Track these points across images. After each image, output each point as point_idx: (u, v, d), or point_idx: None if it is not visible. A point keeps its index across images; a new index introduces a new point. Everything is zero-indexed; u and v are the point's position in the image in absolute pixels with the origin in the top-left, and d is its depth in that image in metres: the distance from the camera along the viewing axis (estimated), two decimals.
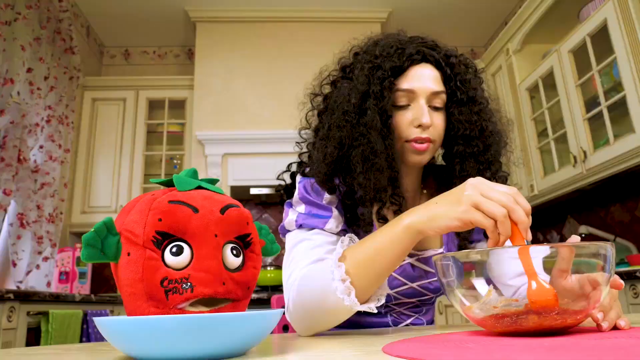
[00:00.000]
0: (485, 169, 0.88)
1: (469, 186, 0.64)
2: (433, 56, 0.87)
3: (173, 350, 0.44)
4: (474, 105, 0.87)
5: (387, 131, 0.83)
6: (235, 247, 0.52)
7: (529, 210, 0.61)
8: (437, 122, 0.86)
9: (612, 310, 0.58)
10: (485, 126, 0.88)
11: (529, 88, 3.03)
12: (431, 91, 0.85)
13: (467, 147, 0.86)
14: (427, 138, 0.84)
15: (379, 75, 0.85)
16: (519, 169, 3.17)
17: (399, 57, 0.86)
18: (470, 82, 0.88)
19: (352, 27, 3.74)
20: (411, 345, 0.46)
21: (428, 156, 0.87)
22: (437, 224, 0.66)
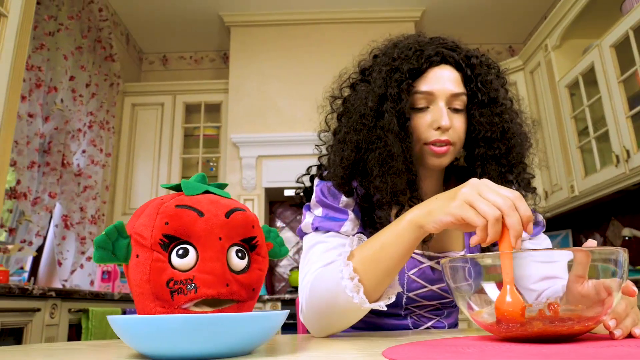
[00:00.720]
0: (507, 172, 0.86)
1: (469, 185, 0.63)
2: (453, 57, 0.86)
3: (176, 348, 0.46)
4: (496, 106, 0.86)
5: (405, 134, 0.83)
6: (240, 249, 0.54)
7: (528, 218, 0.59)
8: (457, 124, 0.85)
9: (628, 318, 0.56)
10: (507, 128, 0.86)
11: (569, 85, 2.93)
12: (450, 93, 0.84)
13: (489, 149, 0.85)
14: (447, 140, 0.84)
15: (397, 78, 0.84)
16: (558, 170, 3.06)
17: (418, 59, 0.85)
18: (491, 83, 0.87)
19: (385, 27, 3.71)
20: (410, 349, 0.46)
21: (448, 159, 0.86)
22: (432, 217, 0.65)
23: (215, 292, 0.50)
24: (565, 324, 0.50)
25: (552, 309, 0.54)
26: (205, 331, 0.45)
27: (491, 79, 0.87)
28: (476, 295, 0.58)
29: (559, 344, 0.48)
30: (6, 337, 1.50)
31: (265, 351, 0.53)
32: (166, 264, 0.50)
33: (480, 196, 0.61)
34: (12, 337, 1.54)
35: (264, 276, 0.56)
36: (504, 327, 0.53)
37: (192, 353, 0.46)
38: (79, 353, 0.57)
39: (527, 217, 0.60)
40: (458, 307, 1.04)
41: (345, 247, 0.77)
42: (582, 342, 0.50)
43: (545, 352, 0.41)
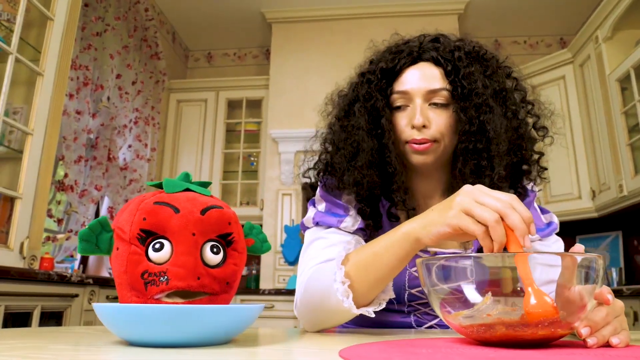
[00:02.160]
0: (486, 168, 0.82)
1: (463, 192, 0.62)
2: (430, 53, 0.85)
3: (146, 335, 0.50)
4: (475, 98, 0.82)
5: (381, 131, 0.84)
6: (215, 245, 0.56)
7: (528, 218, 0.58)
8: (438, 120, 0.83)
9: (608, 327, 0.54)
10: (489, 120, 0.81)
11: (620, 79, 2.77)
12: (426, 90, 0.83)
13: (468, 143, 0.81)
14: (424, 139, 0.82)
15: (369, 78, 0.87)
16: (606, 168, 2.91)
17: (393, 59, 0.86)
18: (473, 75, 0.83)
19: (427, 20, 3.65)
20: (366, 349, 0.47)
21: (432, 157, 0.84)
22: (429, 230, 0.65)
23: (186, 285, 0.52)
24: (529, 329, 0.49)
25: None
26: (171, 320, 0.48)
27: (473, 71, 0.83)
28: (452, 297, 0.58)
29: (524, 350, 0.48)
30: (48, 320, 1.62)
31: (236, 342, 0.56)
32: (142, 257, 0.54)
33: (476, 202, 0.60)
34: (53, 319, 1.66)
35: (240, 271, 0.59)
36: (473, 331, 0.53)
37: (161, 340, 0.49)
38: (72, 336, 0.62)
39: (526, 217, 0.58)
40: None
41: (344, 246, 0.78)
42: (548, 349, 0.49)
43: (493, 356, 0.41)
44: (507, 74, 0.90)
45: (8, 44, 1.85)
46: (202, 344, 0.51)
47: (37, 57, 2.00)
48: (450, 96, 0.83)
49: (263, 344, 0.56)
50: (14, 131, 1.93)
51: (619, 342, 0.52)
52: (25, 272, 1.50)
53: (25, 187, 1.81)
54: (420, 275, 0.58)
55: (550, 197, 3.32)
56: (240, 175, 3.74)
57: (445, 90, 0.83)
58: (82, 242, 0.55)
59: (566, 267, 0.53)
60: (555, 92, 3.39)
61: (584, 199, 3.16)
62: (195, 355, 0.44)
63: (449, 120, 0.83)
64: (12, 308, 1.47)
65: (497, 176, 0.79)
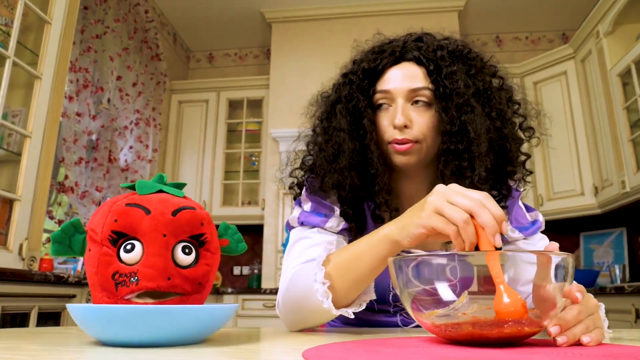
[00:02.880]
0: (466, 168, 0.80)
1: (435, 192, 0.62)
2: (413, 53, 0.84)
3: (118, 335, 0.50)
4: (456, 98, 0.81)
5: (362, 132, 0.83)
6: (187, 245, 0.57)
7: (500, 216, 0.57)
8: (419, 120, 0.82)
9: (580, 325, 0.53)
10: (470, 120, 0.80)
11: (621, 74, 2.75)
12: (407, 89, 0.83)
13: (450, 144, 0.81)
14: (405, 139, 0.82)
15: (351, 79, 0.87)
16: (608, 164, 2.88)
17: (375, 59, 0.86)
18: (456, 75, 0.82)
19: (426, 18, 3.64)
20: (328, 349, 0.47)
21: (414, 157, 0.83)
22: (406, 232, 0.65)
23: (155, 285, 0.53)
24: (495, 327, 0.49)
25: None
26: (139, 320, 0.48)
27: (456, 71, 0.82)
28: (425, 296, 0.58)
29: (490, 349, 0.48)
30: (45, 321, 1.64)
31: (209, 342, 0.56)
32: (114, 258, 0.54)
33: (447, 202, 0.60)
34: (51, 320, 1.68)
35: (212, 271, 0.59)
36: (442, 330, 0.53)
37: (132, 340, 0.50)
38: (47, 336, 0.63)
39: (498, 215, 0.58)
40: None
41: (325, 246, 0.78)
42: (516, 348, 0.49)
43: (453, 355, 0.41)
44: (493, 73, 0.89)
45: (6, 48, 1.87)
46: (172, 344, 0.51)
47: (35, 61, 2.01)
48: (433, 96, 0.83)
49: (235, 343, 0.56)
50: (13, 134, 1.95)
51: (590, 341, 0.52)
52: (22, 273, 1.52)
53: (24, 189, 1.83)
54: (392, 274, 0.58)
55: (553, 193, 3.30)
56: (241, 175, 3.75)
57: (427, 89, 0.83)
58: (55, 244, 0.55)
59: (541, 265, 0.53)
60: (557, 88, 3.37)
61: (587, 196, 3.14)
62: (161, 355, 0.44)
63: (431, 121, 0.83)
64: (10, 309, 1.49)
65: (478, 177, 0.78)
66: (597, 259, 3.37)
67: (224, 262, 3.83)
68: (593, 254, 3.42)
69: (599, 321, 0.57)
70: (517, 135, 0.88)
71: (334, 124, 0.87)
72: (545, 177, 3.35)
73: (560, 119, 3.31)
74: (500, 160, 0.84)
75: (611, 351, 0.46)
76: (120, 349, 0.49)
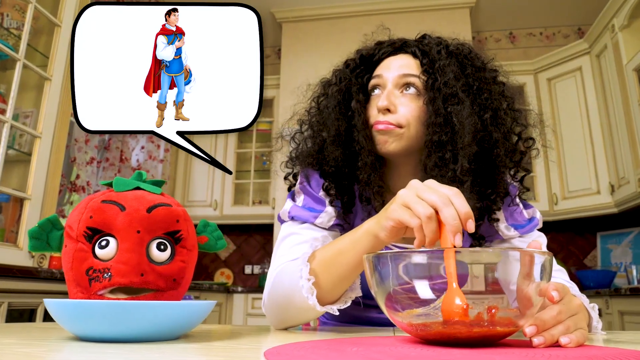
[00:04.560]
0: (449, 161, 0.79)
1: (408, 186, 0.62)
2: (411, 47, 0.87)
3: (90, 330, 0.51)
4: (445, 88, 0.81)
5: (351, 113, 0.86)
6: (163, 242, 0.57)
7: (465, 214, 0.56)
8: (405, 107, 0.83)
9: (559, 326, 0.52)
10: (455, 112, 0.79)
11: (637, 68, 2.68)
12: (398, 74, 0.85)
13: (433, 134, 0.80)
14: (386, 122, 0.82)
15: (348, 64, 0.92)
16: (625, 162, 2.81)
17: (375, 49, 0.91)
18: (448, 68, 0.82)
19: (438, 15, 3.60)
20: (289, 349, 0.46)
21: (394, 142, 0.83)
22: (380, 226, 0.65)
23: (128, 281, 0.53)
24: (464, 327, 0.48)
25: (489, 312, 0.52)
26: (109, 315, 0.49)
27: (448, 64, 0.83)
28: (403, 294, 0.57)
29: (458, 349, 0.47)
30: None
31: (187, 339, 0.56)
32: (89, 254, 0.55)
33: (416, 196, 0.59)
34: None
35: (188, 268, 0.59)
36: (414, 329, 0.52)
37: (104, 335, 0.51)
38: (28, 331, 0.64)
39: (464, 212, 0.57)
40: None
41: (311, 243, 0.78)
42: (487, 348, 0.48)
43: (415, 354, 0.41)
44: (493, 78, 0.88)
45: (16, 51, 1.91)
46: (144, 340, 0.51)
47: (46, 63, 2.05)
48: (423, 87, 0.84)
49: (208, 340, 0.57)
50: (24, 135, 1.99)
51: (569, 342, 0.50)
52: (28, 270, 1.55)
53: (34, 189, 1.87)
54: (366, 271, 0.57)
55: (568, 192, 3.24)
56: (252, 174, 3.77)
57: (418, 78, 0.84)
58: (32, 240, 0.56)
59: (523, 264, 0.52)
60: (572, 84, 3.30)
61: (603, 194, 3.07)
62: (126, 350, 0.44)
63: (418, 111, 0.83)
64: (16, 305, 1.53)
65: (460, 169, 0.77)
66: (615, 260, 3.29)
67: (236, 262, 3.85)
68: (611, 254, 3.34)
69: (581, 322, 0.55)
70: (511, 140, 0.86)
71: (325, 102, 0.90)
72: (560, 175, 3.28)
73: (575, 116, 3.24)
74: (488, 160, 0.83)
75: (585, 353, 0.45)
76: (94, 344, 0.49)
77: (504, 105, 0.86)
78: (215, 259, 3.87)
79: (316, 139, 0.90)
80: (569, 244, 3.51)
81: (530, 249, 0.53)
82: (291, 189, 0.98)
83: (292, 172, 0.99)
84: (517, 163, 0.89)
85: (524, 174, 0.91)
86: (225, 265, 3.86)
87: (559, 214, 3.25)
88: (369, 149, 0.84)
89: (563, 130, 3.30)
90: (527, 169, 0.91)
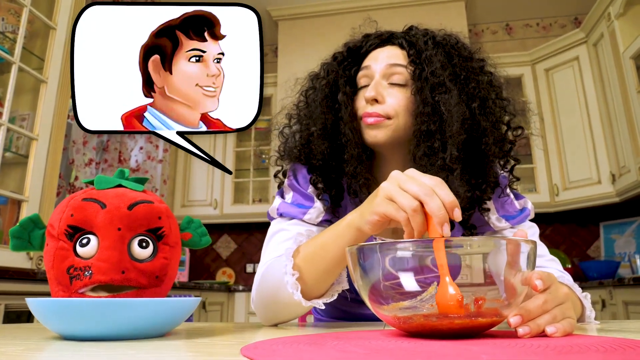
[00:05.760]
0: (438, 150, 0.79)
1: (390, 178, 0.61)
2: (398, 38, 0.87)
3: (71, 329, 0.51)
4: (433, 78, 0.81)
5: (337, 106, 0.86)
6: (144, 239, 0.57)
7: (450, 203, 0.56)
8: (394, 98, 0.83)
9: (545, 315, 0.51)
10: (443, 101, 0.79)
11: (634, 56, 2.66)
12: (386, 64, 0.85)
13: (422, 124, 0.80)
14: (375, 113, 0.82)
15: (336, 56, 0.92)
16: (625, 151, 2.80)
17: (361, 41, 0.91)
18: (435, 57, 0.82)
19: (434, 9, 3.59)
20: (268, 344, 0.46)
21: (383, 133, 0.82)
22: (365, 219, 0.64)
23: (109, 279, 0.53)
24: (445, 319, 0.48)
25: (477, 304, 0.51)
26: (89, 313, 0.49)
27: (435, 54, 0.82)
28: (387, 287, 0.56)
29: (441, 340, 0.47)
30: None
31: (173, 336, 0.56)
32: (69, 252, 0.54)
33: (400, 188, 0.59)
34: None
35: (171, 264, 0.59)
36: (397, 322, 0.51)
37: (86, 333, 0.51)
38: (11, 332, 0.64)
39: (448, 202, 0.56)
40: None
41: (296, 238, 0.77)
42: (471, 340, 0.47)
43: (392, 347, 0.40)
44: (480, 67, 0.88)
45: (12, 54, 1.91)
46: (127, 338, 0.51)
47: (42, 66, 2.05)
48: (410, 77, 0.84)
49: (192, 337, 0.56)
50: (21, 137, 2.00)
51: (555, 332, 0.49)
52: (25, 272, 1.55)
53: (31, 191, 1.87)
54: (348, 264, 0.57)
55: (569, 183, 3.22)
56: (251, 172, 3.77)
57: (405, 68, 0.84)
58: (14, 239, 0.56)
59: (510, 254, 0.51)
60: (569, 74, 3.28)
61: (604, 184, 3.05)
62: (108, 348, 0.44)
63: (405, 101, 0.83)
64: (13, 307, 1.53)
65: (450, 157, 0.77)
66: (619, 250, 3.27)
67: (237, 261, 3.86)
68: (614, 244, 3.32)
69: (569, 311, 0.54)
70: (500, 129, 0.85)
71: (313, 95, 0.90)
72: (560, 165, 3.27)
73: (574, 106, 3.23)
74: (477, 149, 0.83)
75: (570, 342, 0.44)
76: (75, 342, 0.49)
77: (492, 95, 0.86)
78: (217, 258, 3.88)
79: (303, 132, 0.90)
80: (572, 235, 3.50)
81: (515, 237, 0.53)
82: (280, 186, 0.97)
83: (282, 169, 0.99)
84: (506, 152, 0.88)
85: (514, 163, 0.90)
86: (227, 264, 3.87)
87: (560, 204, 3.24)
88: (356, 141, 0.84)
89: (562, 121, 3.28)
90: (516, 158, 0.91)
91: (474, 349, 0.39)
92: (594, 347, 0.41)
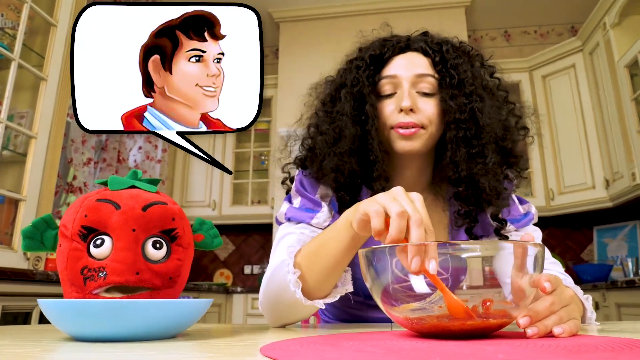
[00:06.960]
0: (477, 155, 0.82)
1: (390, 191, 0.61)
2: (419, 44, 0.87)
3: (85, 330, 0.51)
4: (465, 88, 0.83)
5: (365, 118, 0.84)
6: (158, 240, 0.57)
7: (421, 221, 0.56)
8: (426, 107, 0.83)
9: (553, 316, 0.52)
10: (478, 109, 0.82)
11: (628, 65, 2.69)
12: (414, 74, 0.84)
13: (458, 131, 0.82)
14: (411, 123, 0.82)
15: (357, 64, 0.88)
16: (619, 157, 2.83)
17: (381, 47, 0.88)
18: (461, 66, 0.85)
19: (434, 14, 3.61)
20: (285, 344, 0.47)
21: (418, 143, 0.83)
22: (354, 217, 0.63)
23: (124, 280, 0.53)
24: (457, 320, 0.48)
25: (485, 305, 0.52)
26: (104, 314, 0.49)
27: (461, 63, 0.85)
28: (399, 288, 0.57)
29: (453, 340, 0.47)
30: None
31: (184, 337, 0.57)
32: (83, 253, 0.55)
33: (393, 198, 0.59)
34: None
35: (184, 265, 0.59)
36: (409, 323, 0.52)
37: (99, 334, 0.51)
38: (23, 333, 0.64)
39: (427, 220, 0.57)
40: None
41: (298, 237, 0.78)
42: (483, 340, 0.48)
43: (409, 347, 0.41)
44: (491, 73, 0.91)
45: (11, 50, 1.90)
46: (141, 339, 0.51)
47: (42, 63, 2.04)
48: (437, 85, 0.85)
49: (208, 338, 0.57)
50: (20, 135, 1.99)
51: (562, 332, 0.51)
52: (23, 272, 1.55)
53: (29, 190, 1.86)
54: (362, 266, 0.58)
55: (564, 187, 3.25)
56: (251, 174, 3.77)
57: (433, 77, 0.84)
58: (26, 239, 0.56)
59: (516, 257, 0.52)
60: (565, 81, 3.32)
61: (598, 189, 3.09)
62: (125, 350, 0.45)
63: (436, 109, 0.84)
64: (11, 308, 1.52)
65: (492, 162, 0.80)
66: (611, 253, 3.31)
67: (235, 262, 3.85)
68: (607, 248, 3.36)
69: (574, 312, 0.55)
70: (514, 132, 0.89)
71: (337, 107, 0.87)
72: (556, 171, 3.30)
73: (570, 112, 3.26)
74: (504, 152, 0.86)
75: (578, 342, 0.46)
76: (89, 343, 0.49)
77: (502, 99, 0.90)
78: (215, 260, 3.87)
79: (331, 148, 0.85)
80: (566, 239, 3.53)
81: (522, 241, 0.54)
82: (288, 192, 0.98)
83: (290, 176, 1.00)
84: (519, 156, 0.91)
85: (525, 168, 0.93)
86: (225, 265, 3.86)
87: (555, 209, 3.27)
88: (384, 151, 0.84)
89: (558, 127, 3.32)
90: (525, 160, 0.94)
91: (489, 349, 0.40)
92: (602, 346, 0.42)
